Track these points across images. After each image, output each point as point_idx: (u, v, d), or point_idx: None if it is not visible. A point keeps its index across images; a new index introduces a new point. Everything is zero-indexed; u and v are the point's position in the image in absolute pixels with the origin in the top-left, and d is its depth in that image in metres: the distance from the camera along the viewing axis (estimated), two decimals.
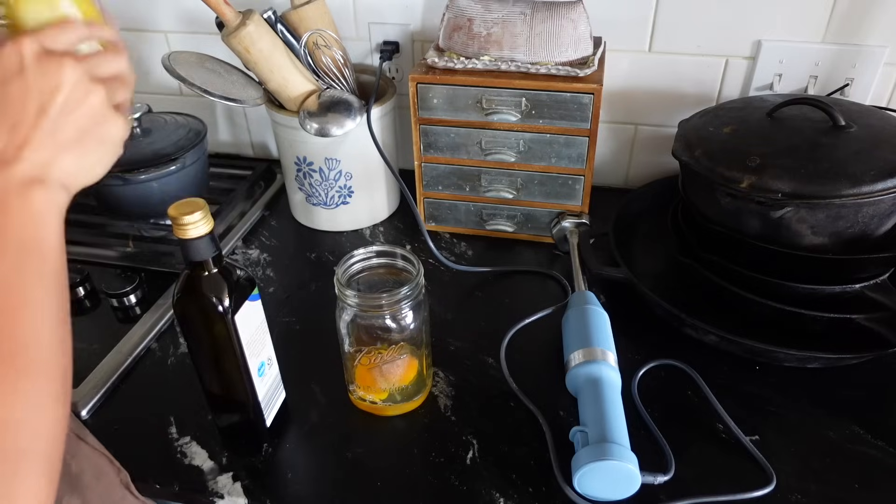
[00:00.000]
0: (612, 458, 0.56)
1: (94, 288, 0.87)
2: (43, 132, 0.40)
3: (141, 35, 1.11)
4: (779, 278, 0.70)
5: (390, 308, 0.62)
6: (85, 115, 0.42)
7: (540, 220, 0.92)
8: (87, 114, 0.42)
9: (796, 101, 0.73)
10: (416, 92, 0.85)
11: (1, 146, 0.39)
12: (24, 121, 0.40)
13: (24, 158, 0.40)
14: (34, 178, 0.40)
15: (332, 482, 0.62)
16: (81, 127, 0.42)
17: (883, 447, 0.63)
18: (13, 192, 0.39)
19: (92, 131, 0.43)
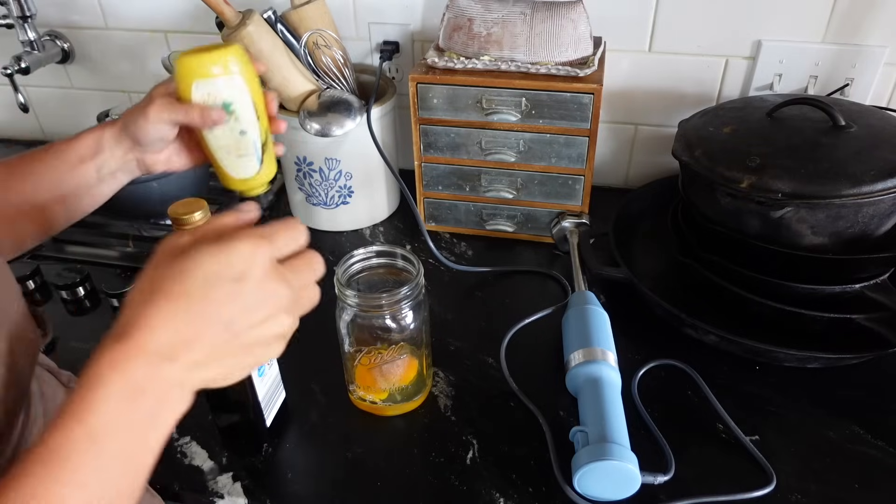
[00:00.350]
0: (612, 458, 0.56)
1: (94, 288, 0.87)
2: (216, 349, 0.36)
3: (141, 35, 1.12)
4: (779, 278, 0.70)
5: (390, 308, 0.62)
6: (262, 342, 0.38)
7: (540, 220, 0.92)
8: (264, 342, 0.38)
9: (796, 101, 0.73)
10: (416, 92, 0.85)
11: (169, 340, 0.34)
12: (210, 329, 0.35)
13: (183, 360, 0.35)
14: (181, 381, 0.36)
15: (332, 482, 0.62)
16: (250, 351, 0.38)
17: (883, 447, 0.63)
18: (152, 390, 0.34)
19: (261, 350, 0.39)
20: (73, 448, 0.33)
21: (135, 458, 0.35)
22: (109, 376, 0.33)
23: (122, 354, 0.34)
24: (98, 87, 1.21)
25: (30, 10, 1.05)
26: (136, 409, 0.34)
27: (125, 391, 0.33)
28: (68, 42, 1.15)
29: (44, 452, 0.33)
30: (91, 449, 0.33)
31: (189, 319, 0.34)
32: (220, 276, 0.35)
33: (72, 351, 0.76)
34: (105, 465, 0.34)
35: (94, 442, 0.33)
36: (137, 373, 0.34)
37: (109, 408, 0.33)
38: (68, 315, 0.84)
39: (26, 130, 1.31)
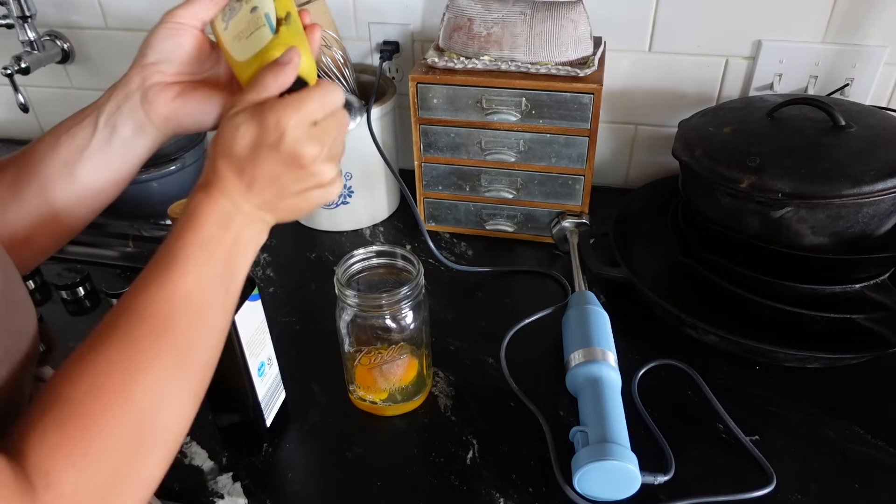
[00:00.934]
0: (612, 458, 0.56)
1: (94, 288, 0.87)
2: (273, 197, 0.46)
3: (141, 35, 1.11)
4: (779, 278, 0.70)
5: (390, 308, 0.62)
6: (313, 189, 0.47)
7: (540, 220, 0.92)
8: (316, 188, 0.47)
9: (796, 101, 0.73)
10: (416, 92, 0.85)
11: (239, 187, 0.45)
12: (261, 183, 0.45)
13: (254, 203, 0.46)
14: (259, 217, 0.46)
15: (332, 482, 0.62)
16: (305, 196, 0.47)
17: (883, 447, 0.63)
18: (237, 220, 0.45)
19: (312, 199, 0.48)
20: (190, 251, 0.43)
21: (230, 274, 0.46)
22: (206, 209, 0.44)
23: (212, 194, 0.45)
24: (98, 87, 1.21)
25: (30, 10, 1.05)
26: (228, 231, 0.45)
27: (219, 217, 0.45)
28: (68, 42, 1.15)
29: (165, 254, 0.43)
30: (202, 255, 0.44)
31: (245, 176, 0.45)
32: (259, 143, 0.44)
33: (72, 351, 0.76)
34: (212, 272, 0.44)
35: (204, 249, 0.44)
36: (225, 205, 0.45)
37: (211, 228, 0.44)
38: (68, 315, 0.84)
39: (26, 130, 1.31)
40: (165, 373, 0.41)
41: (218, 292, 0.45)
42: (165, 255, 0.43)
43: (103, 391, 0.39)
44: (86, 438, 0.37)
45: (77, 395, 0.38)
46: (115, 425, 0.38)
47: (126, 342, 0.40)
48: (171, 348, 0.42)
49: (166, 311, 0.42)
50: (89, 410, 0.38)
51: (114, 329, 0.41)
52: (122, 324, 0.41)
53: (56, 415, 0.37)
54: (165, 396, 0.41)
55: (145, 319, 0.41)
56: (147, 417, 0.40)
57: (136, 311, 0.42)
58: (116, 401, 0.39)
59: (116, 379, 0.39)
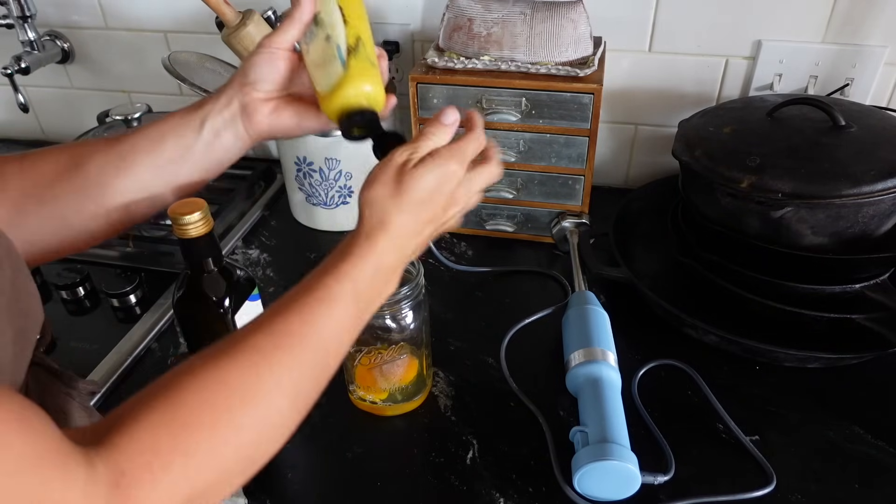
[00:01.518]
0: (612, 458, 0.56)
1: (94, 288, 0.87)
2: (430, 232, 0.51)
3: (141, 35, 1.12)
4: (779, 278, 0.70)
5: (390, 308, 0.62)
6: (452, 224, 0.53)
7: (540, 220, 0.92)
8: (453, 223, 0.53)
9: (796, 101, 0.73)
10: (416, 92, 0.85)
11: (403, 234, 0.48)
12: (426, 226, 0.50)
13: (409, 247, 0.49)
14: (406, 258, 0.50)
15: (332, 482, 0.62)
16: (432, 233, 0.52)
17: (883, 447, 0.63)
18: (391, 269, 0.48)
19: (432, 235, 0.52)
20: (342, 297, 0.45)
21: (369, 312, 0.48)
22: (366, 253, 0.46)
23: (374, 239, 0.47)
24: (98, 87, 1.21)
25: (30, 10, 1.05)
26: (379, 277, 0.47)
27: (376, 263, 0.47)
28: (68, 42, 1.15)
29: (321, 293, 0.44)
30: (352, 303, 0.45)
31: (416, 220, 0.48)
32: (438, 190, 0.48)
33: (72, 351, 0.76)
34: (358, 313, 0.46)
35: (356, 299, 0.46)
36: (384, 251, 0.47)
37: (366, 273, 0.46)
38: (68, 315, 0.84)
39: (26, 130, 1.31)
40: (279, 405, 0.42)
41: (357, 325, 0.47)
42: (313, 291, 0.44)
43: (211, 408, 0.37)
44: (174, 451, 0.35)
45: (184, 402, 0.37)
46: (207, 446, 0.37)
47: (250, 364, 0.40)
48: (291, 380, 0.42)
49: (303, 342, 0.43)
50: (189, 422, 0.36)
51: (245, 347, 0.41)
52: (255, 343, 0.41)
53: (153, 416, 0.36)
54: (268, 428, 0.41)
55: (279, 347, 0.41)
56: (244, 445, 0.39)
57: (274, 332, 0.42)
58: (221, 421, 0.38)
59: (230, 401, 0.38)
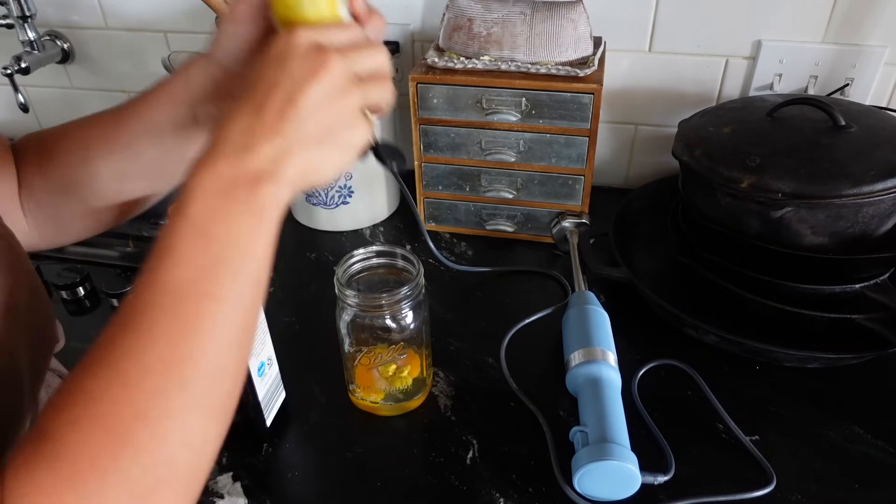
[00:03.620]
0: (612, 458, 0.56)
1: (94, 288, 0.87)
2: (286, 121, 0.38)
3: (141, 35, 1.12)
4: (779, 278, 0.70)
5: (390, 308, 0.62)
6: (335, 113, 0.39)
7: (540, 220, 0.92)
8: (337, 113, 0.39)
9: (796, 101, 0.73)
10: (416, 92, 0.85)
11: (242, 133, 0.37)
12: (268, 108, 0.38)
13: (259, 148, 0.37)
14: (266, 171, 0.37)
15: (332, 482, 0.62)
16: (327, 125, 0.39)
17: (883, 447, 0.63)
18: (242, 183, 0.37)
19: (337, 132, 0.40)
20: (181, 240, 0.35)
21: (240, 254, 0.37)
22: (198, 179, 0.36)
23: (207, 158, 0.37)
24: (98, 87, 1.21)
25: (30, 10, 1.05)
26: (231, 201, 0.36)
27: (216, 186, 0.36)
28: (68, 42, 1.15)
29: (156, 251, 0.36)
30: (199, 241, 0.35)
31: (248, 112, 0.38)
32: (264, 64, 0.38)
33: (72, 351, 0.76)
34: (215, 256, 0.36)
35: (200, 234, 0.35)
36: (221, 167, 0.36)
37: (207, 202, 0.36)
38: (68, 315, 0.84)
39: (26, 130, 1.31)
40: (158, 394, 0.34)
41: (224, 281, 0.36)
42: (155, 247, 0.36)
43: (79, 425, 0.32)
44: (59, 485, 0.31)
45: (50, 434, 0.32)
46: (95, 464, 0.32)
47: (105, 364, 0.34)
48: (161, 362, 0.34)
49: (151, 318, 0.35)
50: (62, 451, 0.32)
51: (96, 350, 0.35)
52: (105, 341, 0.35)
53: (27, 458, 0.32)
54: (161, 422, 0.34)
55: (128, 330, 0.35)
56: (142, 455, 0.33)
57: (120, 321, 0.35)
58: (94, 434, 0.32)
59: (93, 409, 0.33)
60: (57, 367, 0.58)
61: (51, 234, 0.58)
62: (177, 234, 0.36)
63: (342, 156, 0.41)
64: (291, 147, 0.38)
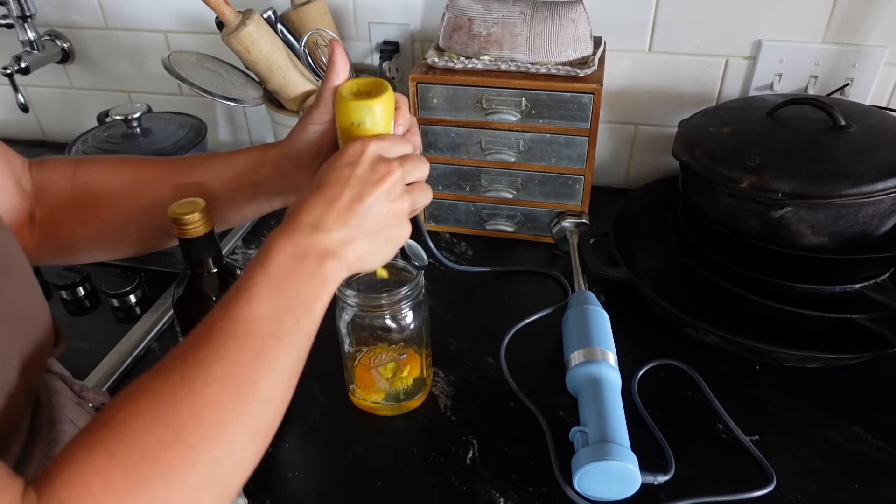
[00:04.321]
0: (612, 458, 0.56)
1: (94, 288, 0.87)
2: (353, 215, 0.45)
3: (141, 35, 1.11)
4: (779, 278, 0.70)
5: (390, 308, 0.62)
6: (390, 214, 0.47)
7: (540, 220, 0.92)
8: (391, 213, 0.48)
9: (796, 101, 0.73)
10: (416, 92, 0.85)
11: (317, 216, 0.45)
12: (341, 201, 0.45)
13: (330, 232, 0.45)
14: (333, 250, 0.45)
15: (332, 482, 0.62)
16: (383, 223, 0.47)
17: (883, 447, 0.63)
18: (313, 254, 0.44)
19: (389, 230, 0.48)
20: (258, 282, 0.42)
21: (303, 308, 0.43)
22: (280, 244, 0.43)
23: (286, 229, 0.44)
24: (98, 87, 1.21)
25: (30, 10, 1.05)
26: (302, 267, 0.43)
27: (293, 251, 0.43)
28: (68, 42, 1.15)
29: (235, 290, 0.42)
30: (272, 287, 0.42)
31: (323, 202, 0.45)
32: (340, 165, 0.47)
33: (72, 351, 0.76)
34: (282, 304, 0.42)
35: (276, 286, 0.42)
36: (299, 239, 0.44)
37: (283, 261, 0.43)
38: (68, 315, 0.84)
39: (26, 130, 1.31)
40: (216, 403, 0.38)
41: (288, 326, 0.42)
42: (233, 289, 0.42)
43: (141, 417, 0.36)
44: (112, 467, 0.34)
45: (112, 422, 0.36)
46: (148, 453, 0.35)
47: (174, 370, 0.38)
48: (225, 377, 0.38)
49: (223, 340, 0.40)
50: (121, 437, 0.35)
51: (166, 360, 0.39)
52: (175, 354, 0.39)
53: (86, 440, 0.35)
54: (214, 428, 0.37)
55: (200, 347, 0.39)
56: (191, 452, 0.36)
57: (192, 340, 0.40)
58: (153, 427, 0.36)
59: (156, 406, 0.36)
60: (60, 370, 0.58)
61: (55, 254, 0.60)
62: (256, 281, 0.42)
63: (389, 250, 0.49)
64: (354, 236, 0.46)
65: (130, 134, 0.95)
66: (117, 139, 0.95)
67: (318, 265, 0.44)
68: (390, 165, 0.47)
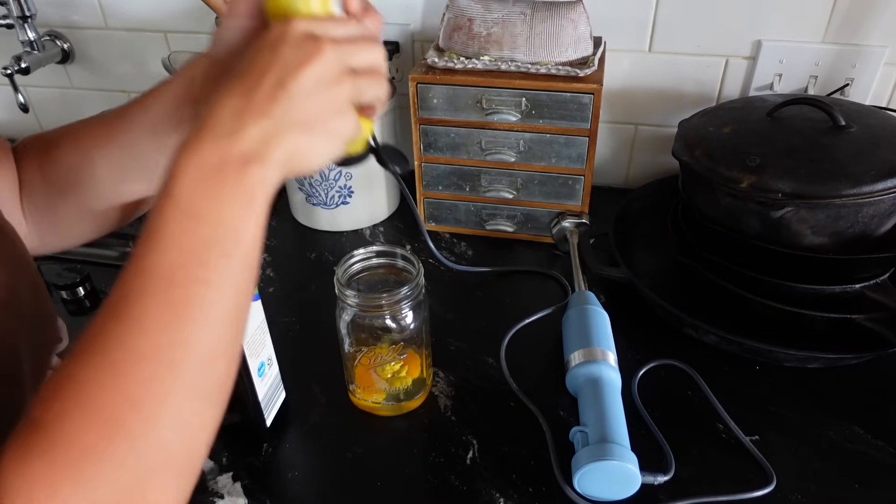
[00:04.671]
0: (612, 458, 0.56)
1: (94, 288, 0.87)
2: (276, 104, 0.37)
3: (141, 35, 1.11)
4: (779, 278, 0.70)
5: (390, 308, 0.62)
6: (324, 101, 0.39)
7: (540, 220, 0.92)
8: (326, 101, 0.39)
9: (796, 101, 0.73)
10: (416, 92, 0.85)
11: (230, 114, 0.37)
12: (260, 89, 0.37)
13: (247, 130, 0.37)
14: (254, 152, 0.37)
15: (332, 482, 0.62)
16: (316, 112, 0.39)
17: (883, 447, 0.63)
18: (231, 163, 0.36)
19: (325, 120, 0.40)
20: (168, 224, 0.35)
21: (237, 242, 0.36)
22: (185, 161, 0.36)
23: (193, 141, 0.36)
24: (98, 87, 1.21)
25: (30, 10, 1.05)
26: (219, 183, 0.36)
27: (203, 169, 0.36)
28: (68, 42, 1.15)
29: (144, 235, 0.35)
30: (187, 224, 0.35)
31: (237, 94, 0.37)
32: (258, 48, 0.38)
33: None
34: (204, 239, 0.35)
35: (188, 216, 0.35)
36: (209, 149, 0.36)
37: (194, 184, 0.35)
38: (68, 315, 0.84)
39: (26, 130, 1.31)
40: (151, 380, 0.34)
41: (214, 264, 0.36)
42: (142, 233, 0.36)
43: (72, 414, 0.32)
44: (54, 474, 0.31)
45: (43, 424, 0.32)
46: (91, 451, 0.32)
47: (96, 352, 0.34)
48: (154, 349, 0.34)
49: (142, 304, 0.34)
50: (57, 439, 0.32)
51: (86, 339, 0.34)
52: (95, 330, 0.35)
53: (20, 449, 0.32)
54: (155, 408, 0.34)
55: (119, 318, 0.34)
56: (137, 440, 0.33)
57: (109, 308, 0.35)
58: (88, 422, 0.32)
59: (86, 398, 0.33)
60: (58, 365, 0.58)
61: (51, 238, 0.58)
62: (164, 217, 0.35)
63: (329, 144, 0.41)
64: (279, 129, 0.37)
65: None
66: None
67: (238, 175, 0.36)
68: (320, 42, 0.39)
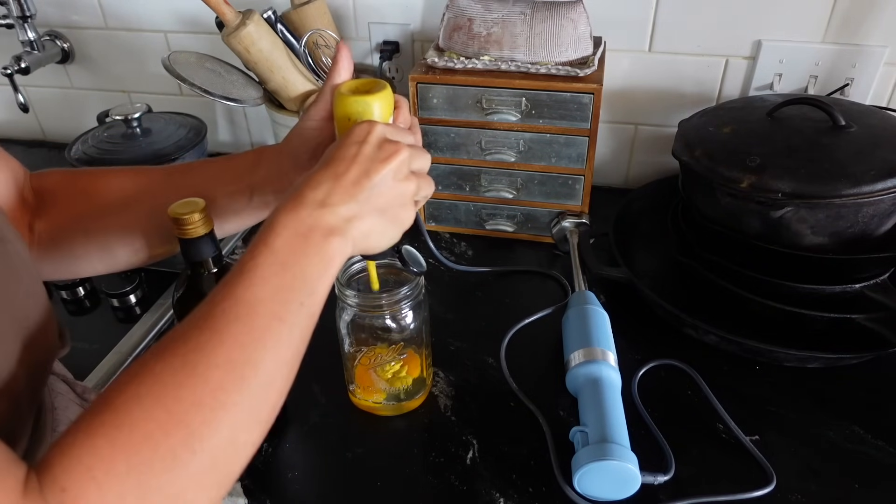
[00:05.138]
0: (613, 458, 0.56)
1: (94, 288, 0.87)
2: (360, 190, 0.45)
3: (141, 35, 1.12)
4: (779, 278, 0.70)
5: (390, 308, 0.62)
6: (395, 194, 0.47)
7: (540, 220, 0.92)
8: (396, 194, 0.47)
9: (796, 101, 0.73)
10: (416, 92, 0.85)
11: (323, 192, 0.44)
12: (348, 176, 0.45)
13: (336, 208, 0.44)
14: (338, 227, 0.44)
15: (332, 482, 0.62)
16: (388, 203, 0.47)
17: (883, 447, 0.63)
18: (318, 230, 0.43)
19: (394, 210, 0.48)
20: (261, 262, 0.41)
21: (307, 288, 0.42)
22: (284, 220, 0.43)
23: (291, 205, 0.43)
24: (98, 87, 1.21)
25: (30, 10, 1.05)
26: (307, 244, 0.43)
27: (297, 228, 0.43)
28: (68, 42, 1.16)
29: (236, 268, 0.41)
30: (275, 266, 0.41)
31: (330, 177, 0.45)
32: (347, 144, 0.47)
33: (72, 351, 0.76)
34: (285, 284, 0.41)
35: (279, 263, 0.41)
36: (303, 215, 0.43)
37: (287, 239, 0.42)
38: (68, 315, 0.84)
39: (26, 130, 1.31)
40: (218, 388, 0.37)
41: (291, 307, 0.41)
42: (236, 269, 0.42)
43: (142, 402, 0.35)
44: (114, 452, 0.34)
45: (114, 405, 0.35)
46: (150, 438, 0.34)
47: (176, 354, 0.38)
48: (227, 362, 0.38)
49: (226, 323, 0.39)
50: (123, 421, 0.35)
51: (168, 341, 0.39)
52: (177, 336, 0.39)
53: (88, 425, 0.34)
54: (216, 413, 0.37)
55: (203, 330, 0.39)
56: (192, 438, 0.36)
57: (194, 321, 0.39)
58: (155, 412, 0.35)
59: (158, 390, 0.36)
60: (62, 371, 0.58)
61: (54, 266, 0.60)
62: (258, 259, 0.41)
63: (394, 230, 0.49)
64: (361, 212, 0.45)
65: (130, 134, 0.95)
66: (117, 139, 0.95)
67: (323, 241, 0.43)
68: (397, 145, 0.47)
